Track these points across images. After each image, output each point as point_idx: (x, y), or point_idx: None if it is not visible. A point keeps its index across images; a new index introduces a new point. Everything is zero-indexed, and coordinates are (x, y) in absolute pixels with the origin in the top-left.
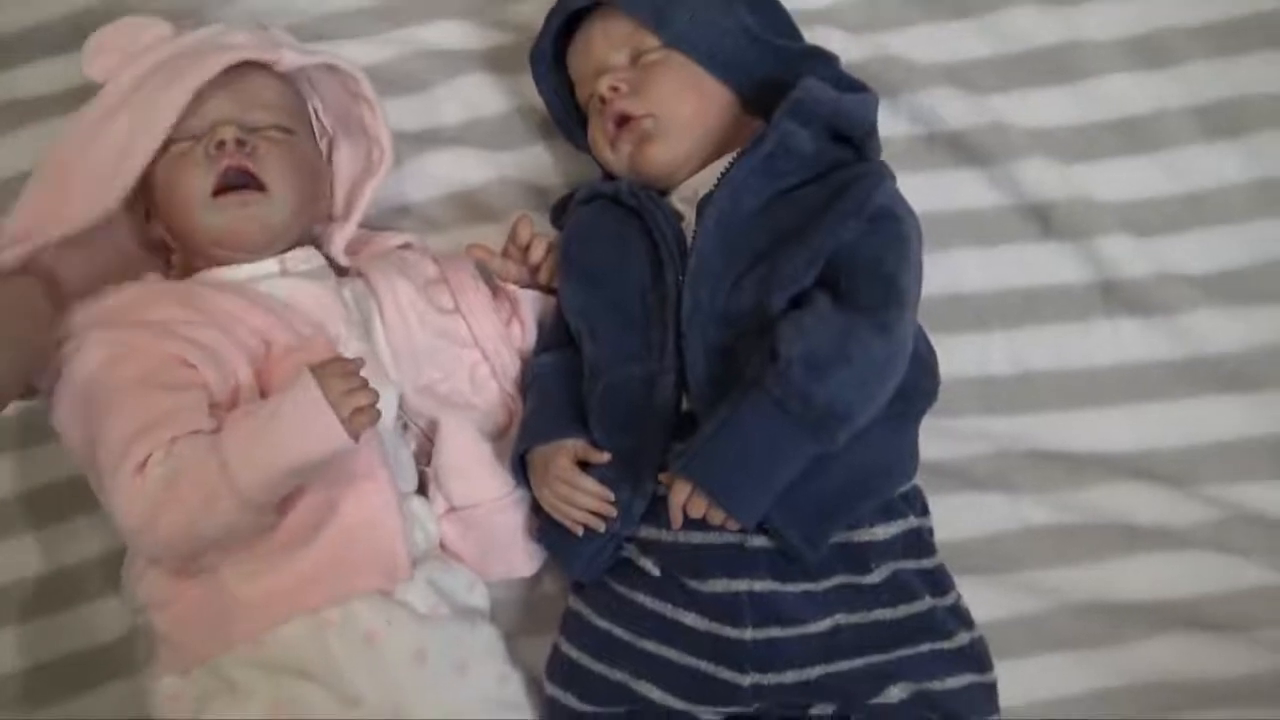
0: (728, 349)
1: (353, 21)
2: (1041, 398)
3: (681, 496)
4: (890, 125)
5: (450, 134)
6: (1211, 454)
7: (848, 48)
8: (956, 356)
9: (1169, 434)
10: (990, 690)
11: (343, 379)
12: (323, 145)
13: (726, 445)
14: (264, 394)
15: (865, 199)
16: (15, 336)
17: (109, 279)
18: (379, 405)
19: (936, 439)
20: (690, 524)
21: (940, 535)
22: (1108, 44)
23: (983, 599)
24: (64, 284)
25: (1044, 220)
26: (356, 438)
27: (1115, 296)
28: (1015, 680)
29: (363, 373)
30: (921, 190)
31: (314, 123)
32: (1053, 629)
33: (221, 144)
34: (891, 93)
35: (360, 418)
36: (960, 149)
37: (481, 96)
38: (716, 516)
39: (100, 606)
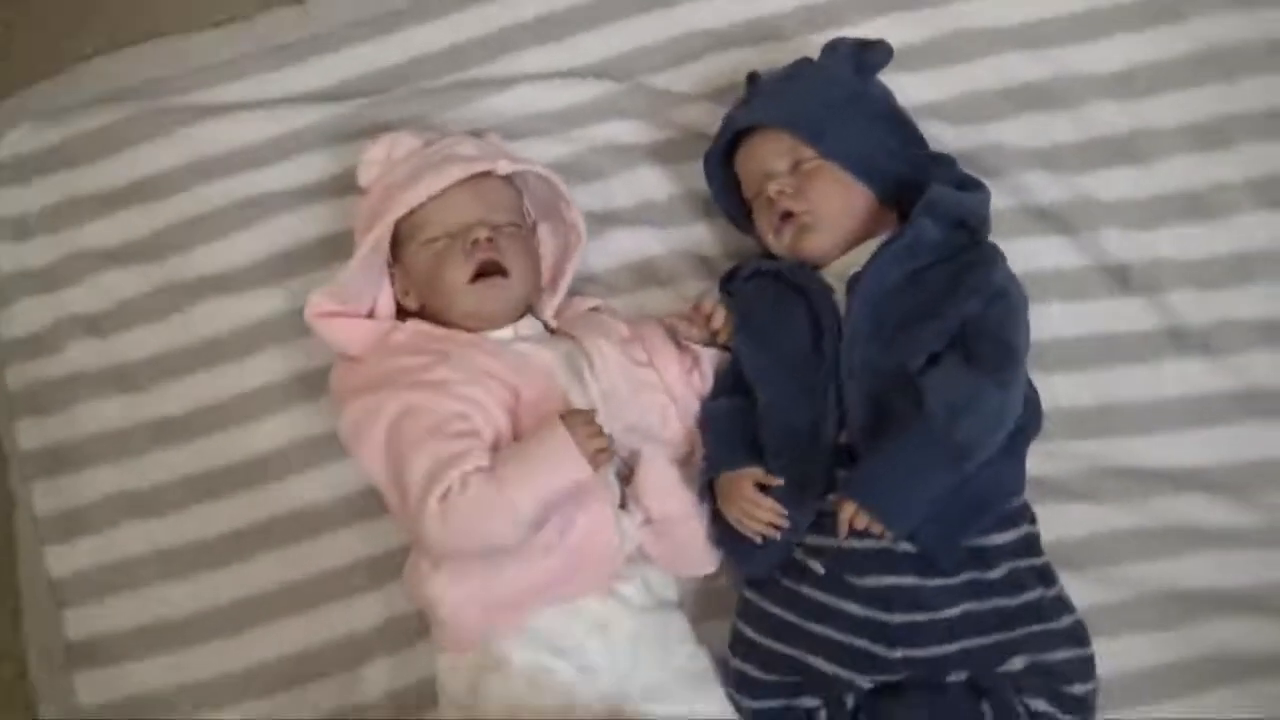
0: (879, 397)
1: (542, 122)
2: (1121, 424)
3: (849, 513)
4: (996, 202)
5: (626, 215)
6: (1264, 469)
7: (952, 137)
8: (1052, 392)
9: (1228, 452)
10: (1089, 661)
11: (586, 426)
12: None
13: (885, 473)
14: (517, 434)
15: (985, 280)
16: None
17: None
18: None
19: (1038, 460)
20: (852, 533)
21: (1045, 537)
22: (1171, 129)
23: (1079, 590)
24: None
25: (1121, 278)
26: (597, 470)
27: (1182, 340)
28: (1107, 655)
29: (598, 419)
30: (1019, 254)
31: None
32: (1135, 613)
33: (476, 241)
34: (990, 174)
35: (601, 456)
36: (1049, 219)
37: (651, 183)
38: (876, 528)
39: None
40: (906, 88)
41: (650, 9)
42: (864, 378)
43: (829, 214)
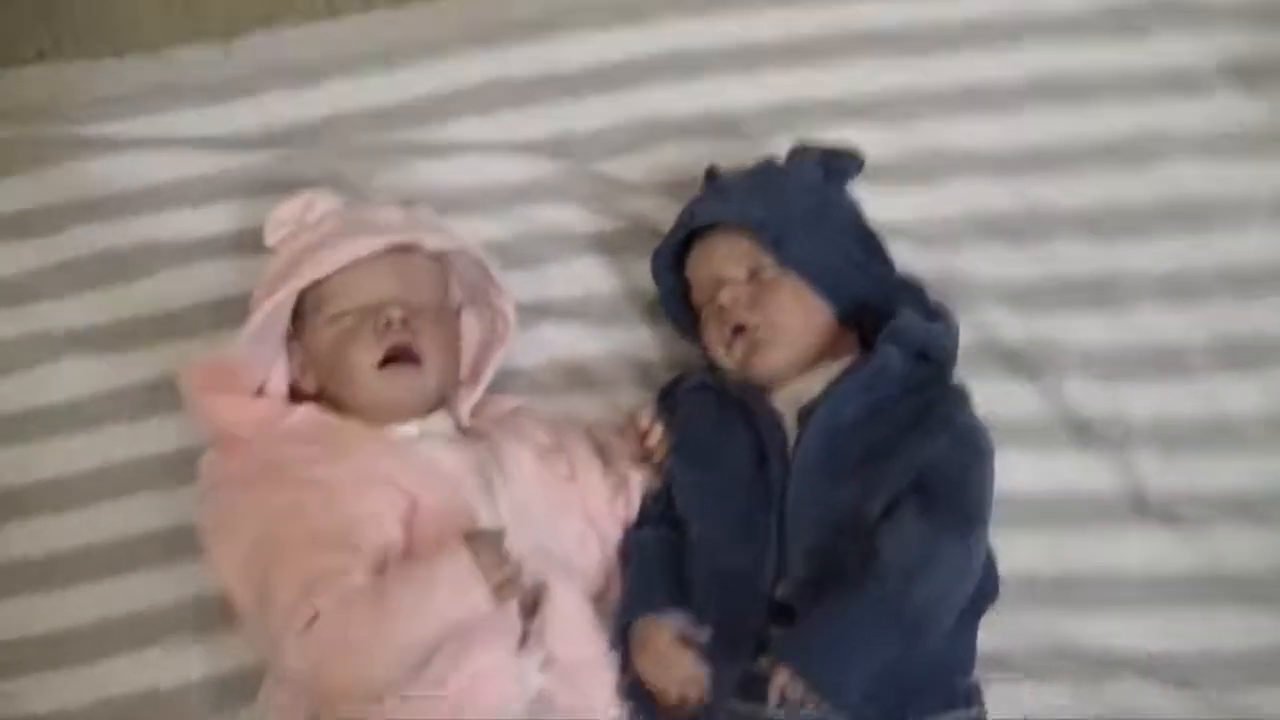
0: (827, 548)
1: (479, 197)
2: (1075, 597)
3: (782, 680)
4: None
5: (561, 307)
6: (1228, 660)
7: (916, 259)
8: (1006, 553)
9: (1185, 640)
10: None
11: (492, 551)
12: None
13: (828, 637)
14: (410, 550)
15: (950, 421)
16: None
17: None
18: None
19: (987, 632)
20: (783, 703)
21: None
22: (1142, 275)
23: None
24: None
25: (1083, 431)
26: (502, 603)
27: (1147, 507)
28: None
29: (506, 544)
30: (981, 396)
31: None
32: None
33: (389, 322)
34: (954, 302)
35: (507, 589)
36: (1012, 360)
37: (592, 276)
38: (812, 701)
39: None
40: (869, 202)
41: (607, 89)
42: (810, 520)
43: (786, 330)
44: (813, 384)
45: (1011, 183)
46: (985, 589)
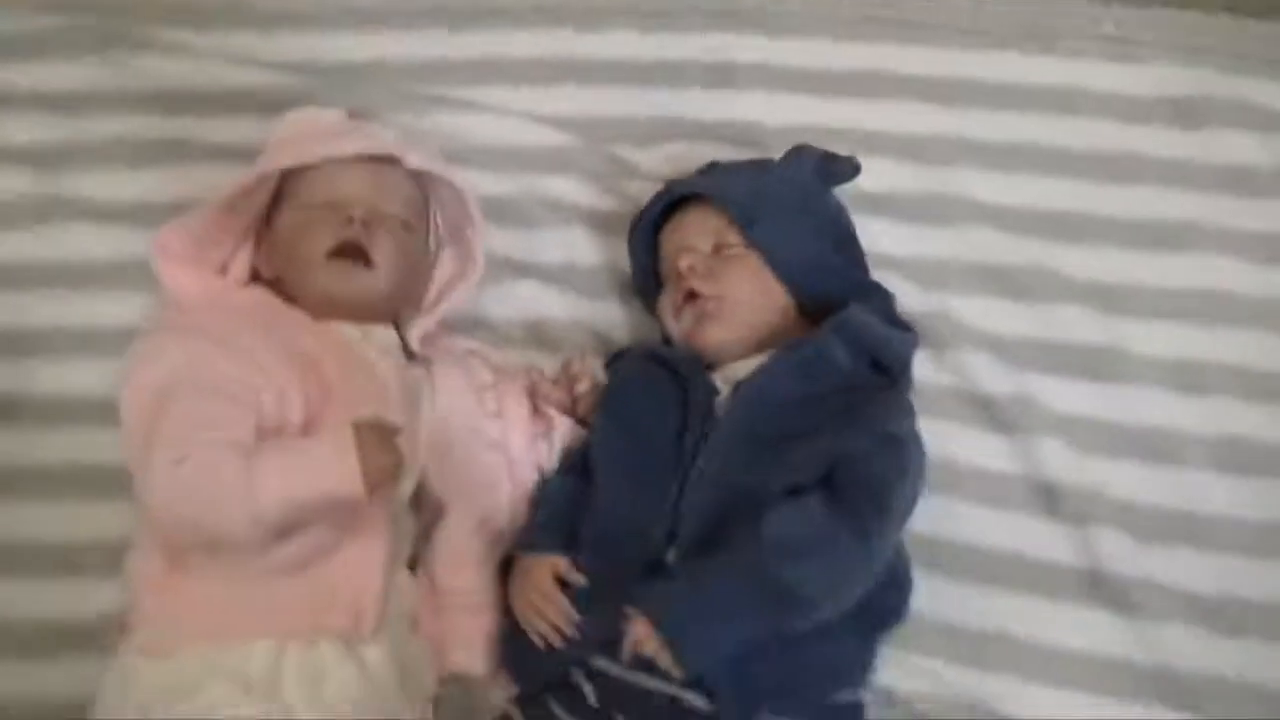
0: (721, 519)
1: (491, 157)
2: (1007, 661)
3: (639, 633)
4: (929, 372)
5: (543, 270)
6: None
7: (911, 296)
8: (938, 600)
9: None
10: None
11: (378, 438)
12: (431, 256)
13: (691, 597)
14: (307, 434)
15: (879, 421)
16: None
17: None
18: (401, 474)
19: (903, 671)
20: (639, 665)
21: None
22: (1147, 358)
23: None
24: None
25: (1051, 498)
26: (371, 492)
27: (1100, 589)
28: None
29: (398, 440)
30: (944, 437)
31: (431, 229)
32: None
33: (350, 218)
34: (938, 346)
35: (379, 476)
36: (988, 412)
37: (581, 247)
38: (664, 659)
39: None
40: (875, 233)
41: (642, 83)
42: (712, 490)
43: (736, 306)
44: (756, 365)
45: (1026, 242)
46: (890, 605)
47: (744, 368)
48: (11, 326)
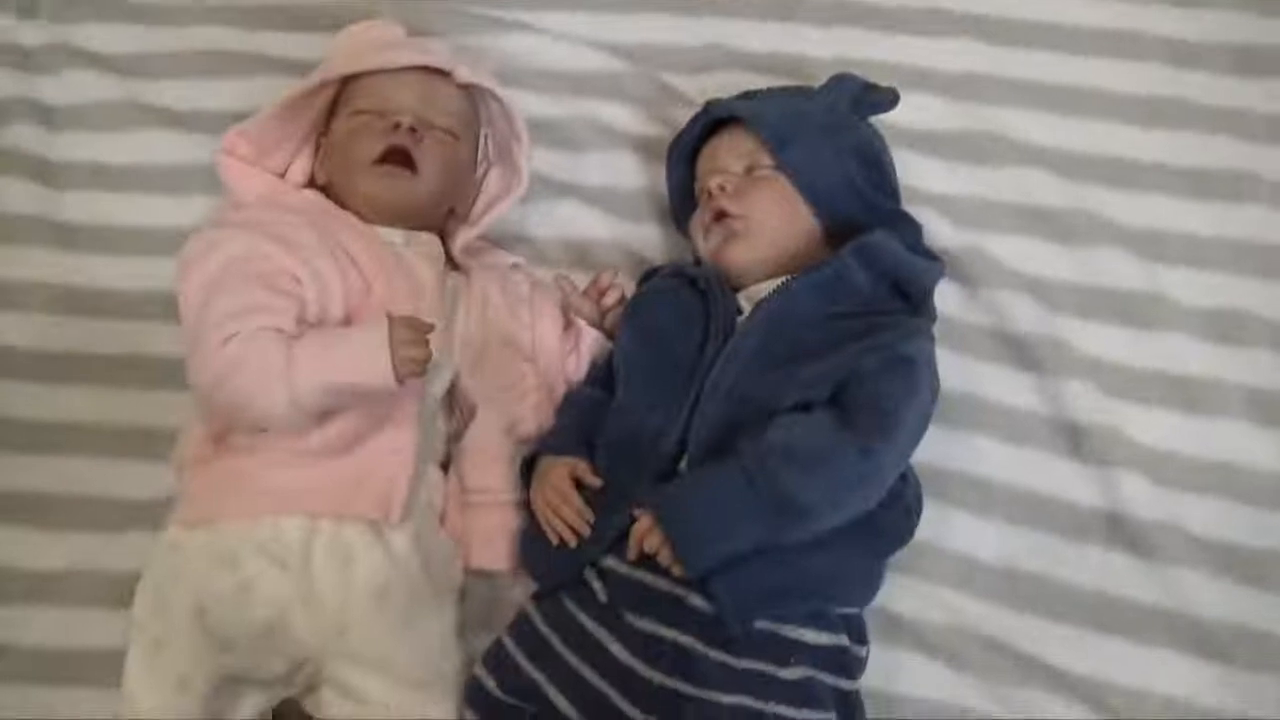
0: (732, 425)
1: (540, 79)
2: (1016, 596)
3: (643, 529)
4: (961, 309)
5: (586, 192)
6: (1163, 705)
7: (949, 235)
8: (949, 528)
9: (1125, 672)
10: None
11: (409, 331)
12: (481, 168)
13: (695, 497)
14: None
15: (894, 342)
16: None
17: None
18: (432, 366)
19: (907, 596)
20: (645, 563)
21: (875, 683)
22: (1186, 306)
23: None
24: None
25: (1074, 439)
26: (400, 381)
27: (1118, 530)
28: None
29: (430, 338)
30: (970, 373)
31: (480, 145)
32: None
33: (398, 126)
34: (972, 283)
35: (408, 366)
36: (1018, 351)
37: (625, 171)
38: (666, 557)
39: None
40: (919, 170)
41: (695, 12)
42: (726, 401)
43: (764, 227)
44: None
45: (1071, 185)
46: (895, 528)
47: (768, 288)
48: (89, 222)
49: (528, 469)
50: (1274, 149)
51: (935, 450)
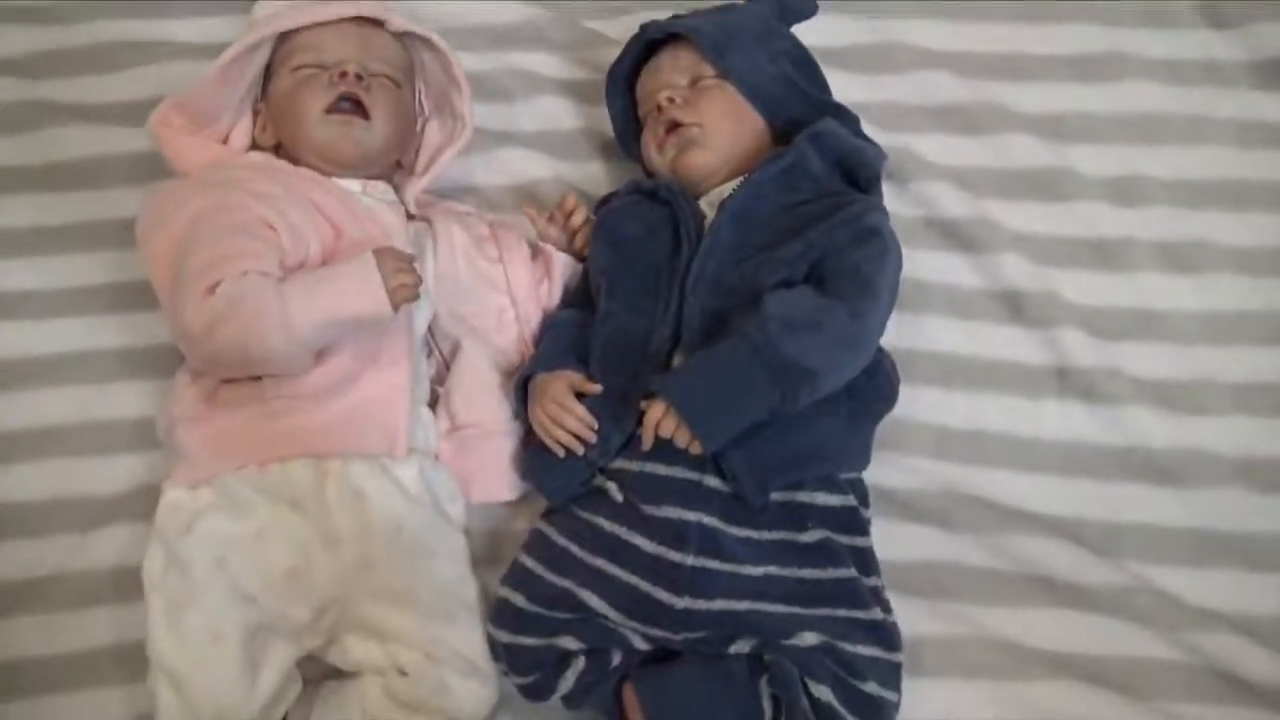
0: (720, 313)
1: (463, 37)
2: (989, 454)
3: (656, 415)
4: (895, 204)
5: (524, 139)
6: (1132, 532)
7: (875, 137)
8: (919, 403)
9: (1097, 507)
10: (894, 669)
11: (396, 260)
12: (419, 121)
13: (703, 375)
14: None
15: (859, 216)
16: None
17: None
18: (420, 293)
19: (891, 469)
20: (656, 455)
21: (882, 555)
22: (1091, 177)
23: (905, 616)
24: None
25: (1014, 306)
26: (396, 308)
27: (1068, 382)
28: (922, 699)
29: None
30: (912, 261)
31: (417, 96)
32: (965, 656)
33: (344, 74)
34: (902, 180)
35: (402, 292)
36: (952, 235)
37: (556, 114)
38: (683, 437)
39: None
40: (838, 84)
41: None
42: (710, 293)
43: (717, 132)
44: (737, 186)
45: (973, 82)
46: (879, 390)
47: (729, 189)
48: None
49: (523, 392)
50: (1142, 31)
51: (894, 335)
